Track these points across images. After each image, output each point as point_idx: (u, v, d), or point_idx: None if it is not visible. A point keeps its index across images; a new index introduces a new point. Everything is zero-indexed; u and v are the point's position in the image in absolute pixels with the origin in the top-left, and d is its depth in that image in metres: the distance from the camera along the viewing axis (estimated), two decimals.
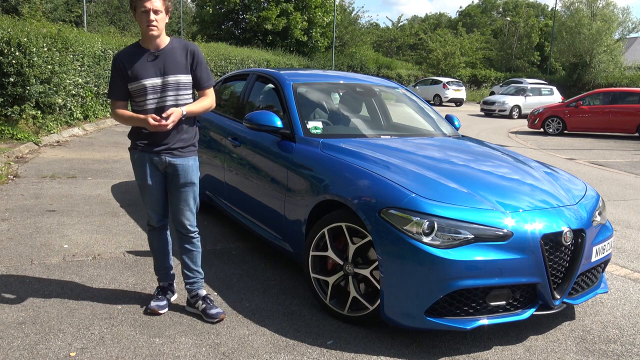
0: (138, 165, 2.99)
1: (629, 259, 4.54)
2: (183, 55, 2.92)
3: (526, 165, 3.71)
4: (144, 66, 2.85)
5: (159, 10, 2.79)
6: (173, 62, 2.88)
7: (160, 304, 3.10)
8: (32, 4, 14.82)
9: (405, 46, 58.65)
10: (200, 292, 3.13)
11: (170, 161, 2.95)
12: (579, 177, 3.89)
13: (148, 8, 2.75)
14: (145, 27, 2.80)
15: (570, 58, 37.11)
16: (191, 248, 3.11)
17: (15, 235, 4.30)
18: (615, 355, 2.89)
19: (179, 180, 2.98)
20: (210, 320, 3.01)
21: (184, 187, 3.00)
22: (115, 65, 2.88)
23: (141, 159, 2.97)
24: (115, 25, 29.41)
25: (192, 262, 3.12)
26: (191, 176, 3.01)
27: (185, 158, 2.98)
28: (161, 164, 2.96)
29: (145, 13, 2.76)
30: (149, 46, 2.88)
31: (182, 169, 2.98)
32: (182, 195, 3.01)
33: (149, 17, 2.76)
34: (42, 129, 9.04)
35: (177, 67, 2.89)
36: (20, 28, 8.39)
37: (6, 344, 2.67)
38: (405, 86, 5.43)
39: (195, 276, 3.14)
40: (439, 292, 2.66)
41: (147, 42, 2.88)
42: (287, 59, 28.13)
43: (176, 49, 2.92)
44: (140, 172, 3.00)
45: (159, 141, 2.92)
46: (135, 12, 2.81)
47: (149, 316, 3.04)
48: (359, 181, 3.05)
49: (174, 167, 2.97)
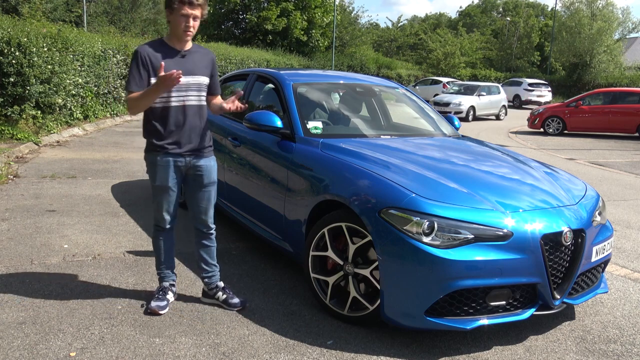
0: (161, 168, 2.98)
1: (629, 259, 4.54)
2: (205, 59, 3.06)
3: (526, 165, 3.71)
4: (173, 63, 2.88)
5: (197, 17, 2.90)
6: (197, 64, 3.00)
7: (161, 304, 3.10)
8: (32, 4, 14.83)
9: (405, 46, 58.68)
10: (219, 284, 3.25)
11: (194, 163, 3.02)
12: (579, 177, 3.89)
13: (189, 13, 2.85)
14: (181, 30, 2.88)
15: (570, 58, 37.11)
16: (209, 244, 3.22)
17: (15, 235, 4.30)
18: (615, 355, 2.89)
19: (203, 180, 3.07)
20: (233, 309, 3.15)
21: (208, 186, 3.10)
22: (139, 57, 2.86)
23: (164, 161, 2.97)
24: (115, 25, 29.37)
25: (210, 256, 3.23)
26: (213, 176, 3.12)
27: (207, 158, 3.08)
28: (184, 166, 3.01)
29: (185, 17, 2.85)
30: (176, 46, 2.95)
31: (206, 170, 3.07)
32: (205, 194, 3.11)
33: (188, 22, 2.86)
34: (42, 129, 9.04)
35: (201, 69, 3.01)
36: (20, 28, 8.39)
37: (6, 344, 2.67)
38: (405, 86, 5.43)
39: (213, 270, 3.25)
40: (439, 292, 2.66)
41: (177, 42, 2.95)
42: (287, 59, 28.13)
43: (200, 52, 3.05)
44: (162, 175, 2.98)
45: (183, 142, 2.96)
46: (172, 12, 2.86)
47: (149, 316, 3.04)
48: (359, 181, 3.05)
49: (198, 168, 3.04)
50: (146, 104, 2.85)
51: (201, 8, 2.89)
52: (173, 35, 2.94)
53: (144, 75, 2.86)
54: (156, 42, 2.97)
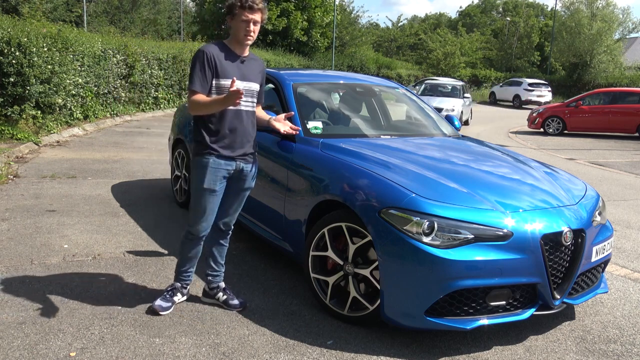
0: (211, 171, 2.94)
1: (629, 259, 4.54)
2: (259, 67, 3.12)
3: (526, 165, 3.71)
4: (233, 67, 2.93)
5: (258, 22, 2.92)
6: (253, 71, 3.05)
7: (164, 305, 3.09)
8: (32, 4, 14.84)
9: (405, 46, 58.67)
10: (221, 284, 3.27)
11: (242, 166, 3.06)
12: (579, 177, 3.89)
13: (250, 18, 2.87)
14: (242, 35, 2.91)
15: (570, 58, 37.10)
16: (224, 243, 3.28)
17: (15, 235, 4.30)
18: (615, 355, 2.89)
19: (244, 184, 3.12)
20: (235, 309, 3.17)
21: (245, 190, 3.16)
22: (206, 57, 2.87)
23: (216, 164, 2.95)
24: (115, 25, 29.40)
25: (221, 256, 3.28)
26: (253, 181, 3.18)
27: (253, 164, 3.13)
28: (233, 169, 3.02)
29: (246, 22, 2.87)
30: (237, 50, 2.98)
31: (250, 174, 3.12)
32: (240, 198, 3.17)
33: (248, 27, 2.88)
34: (42, 129, 9.04)
35: (255, 76, 3.07)
36: (20, 28, 8.38)
37: (6, 344, 2.67)
38: (405, 86, 5.43)
39: (220, 269, 3.29)
40: (439, 292, 2.66)
41: (238, 47, 2.98)
42: (287, 59, 28.12)
43: (254, 60, 3.09)
44: (210, 178, 2.95)
45: (236, 146, 2.99)
46: (234, 18, 2.89)
47: (149, 316, 3.04)
48: (359, 181, 3.05)
49: (243, 172, 3.08)
50: (210, 110, 2.89)
51: (261, 12, 2.91)
52: (234, 40, 2.97)
53: (209, 75, 2.88)
54: (219, 44, 2.98)
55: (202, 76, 2.86)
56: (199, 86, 2.85)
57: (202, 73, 2.86)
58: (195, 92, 2.86)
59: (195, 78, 2.85)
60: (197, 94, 2.85)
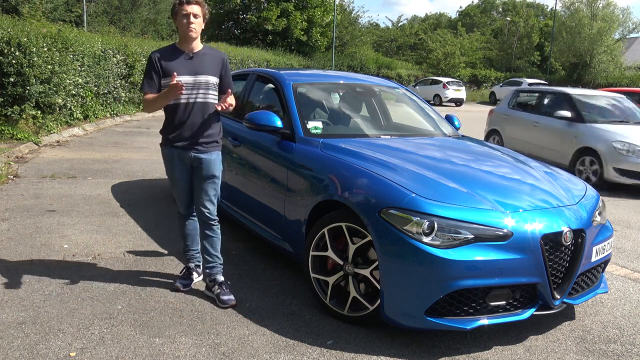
0: (167, 160, 3.30)
1: (629, 259, 4.54)
2: (215, 60, 3.25)
3: (526, 165, 3.71)
4: (178, 64, 3.13)
5: (197, 14, 3.12)
6: (205, 64, 3.19)
7: (184, 282, 3.41)
8: (32, 4, 14.85)
9: (405, 46, 58.67)
10: (218, 278, 3.34)
11: (195, 156, 3.22)
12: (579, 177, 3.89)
13: (188, 12, 3.08)
14: (185, 30, 3.12)
15: (570, 58, 37.13)
16: (211, 234, 3.34)
17: (15, 235, 4.30)
18: (615, 355, 2.89)
19: (202, 173, 3.25)
20: (222, 306, 3.20)
21: (207, 179, 3.27)
22: (151, 61, 3.15)
23: (170, 153, 3.26)
24: (115, 25, 29.36)
25: (212, 247, 3.35)
26: (213, 170, 3.27)
27: (209, 153, 3.24)
28: (187, 159, 3.23)
29: (186, 17, 3.09)
30: (185, 48, 3.19)
31: (206, 163, 3.24)
32: (204, 186, 3.28)
33: (189, 20, 3.09)
34: (42, 129, 9.04)
35: (208, 69, 3.20)
36: (20, 28, 8.39)
37: (6, 344, 2.67)
38: (405, 86, 5.43)
39: (214, 261, 3.36)
40: (439, 292, 2.66)
41: (185, 44, 3.19)
42: (287, 59, 28.13)
43: (209, 54, 3.25)
44: (169, 166, 3.31)
45: (185, 137, 3.19)
46: (176, 16, 3.13)
47: (149, 316, 3.04)
48: (359, 181, 3.05)
49: (199, 161, 3.23)
50: (158, 106, 3.15)
51: (199, 5, 3.11)
52: (181, 38, 3.19)
53: (155, 78, 3.15)
54: (168, 47, 3.25)
55: (149, 79, 3.15)
56: (147, 88, 3.16)
57: (149, 76, 3.15)
58: (145, 94, 3.17)
59: (145, 82, 3.17)
60: (146, 95, 3.16)
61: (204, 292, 3.37)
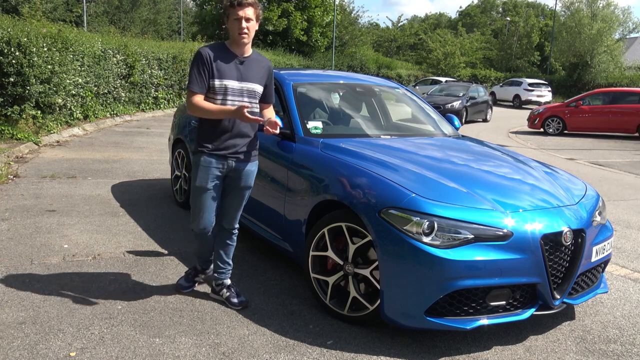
0: (203, 169, 3.04)
1: (629, 259, 4.54)
2: (262, 68, 3.11)
3: (526, 165, 3.71)
4: (230, 68, 2.98)
5: (250, 18, 2.93)
6: (252, 71, 3.05)
7: (185, 284, 3.38)
8: (32, 4, 14.82)
9: (405, 46, 58.67)
10: (226, 282, 3.30)
11: (235, 166, 3.07)
12: (579, 177, 3.89)
13: (241, 16, 2.90)
14: (237, 34, 2.94)
15: (570, 58, 37.11)
16: (230, 242, 3.29)
17: (15, 235, 4.30)
18: (615, 355, 2.89)
19: (240, 183, 3.14)
20: (234, 308, 3.18)
21: (243, 190, 3.17)
22: (202, 58, 2.94)
23: (207, 162, 3.03)
24: (115, 25, 29.40)
25: (227, 254, 3.30)
26: (250, 181, 3.18)
27: (250, 163, 3.15)
28: (226, 168, 3.07)
29: (238, 21, 2.90)
30: (236, 51, 3.02)
31: (245, 173, 3.13)
32: (239, 197, 3.18)
33: (241, 25, 2.91)
34: (42, 129, 9.04)
35: (255, 77, 3.06)
36: (20, 28, 8.38)
37: (6, 344, 2.67)
38: (405, 86, 5.43)
39: (226, 267, 3.31)
40: (439, 292, 2.66)
41: (236, 47, 3.02)
42: (287, 59, 28.12)
43: (258, 60, 3.10)
44: (203, 175, 3.04)
45: (228, 145, 3.03)
46: (228, 19, 2.95)
47: (149, 316, 3.04)
48: (359, 181, 3.05)
49: (238, 171, 3.10)
50: (209, 116, 2.96)
51: (253, 7, 2.92)
52: (232, 40, 3.01)
53: (205, 76, 2.94)
54: (217, 45, 3.04)
55: (199, 77, 2.93)
56: (197, 86, 2.93)
57: (200, 74, 2.93)
58: (193, 93, 2.94)
59: (193, 80, 2.94)
60: (196, 95, 2.94)
61: (210, 295, 3.34)
